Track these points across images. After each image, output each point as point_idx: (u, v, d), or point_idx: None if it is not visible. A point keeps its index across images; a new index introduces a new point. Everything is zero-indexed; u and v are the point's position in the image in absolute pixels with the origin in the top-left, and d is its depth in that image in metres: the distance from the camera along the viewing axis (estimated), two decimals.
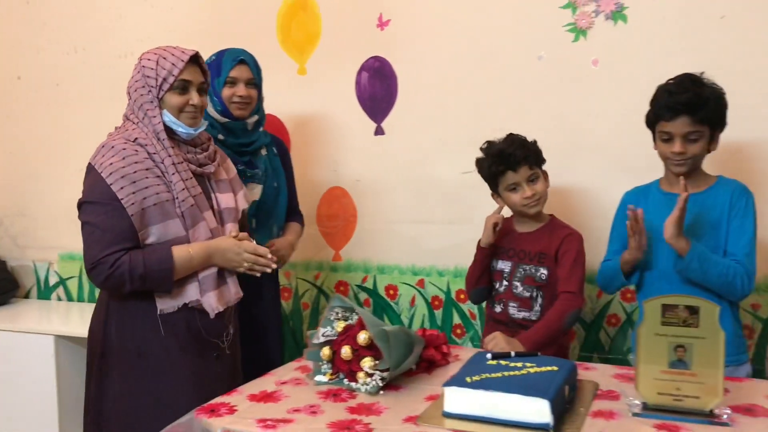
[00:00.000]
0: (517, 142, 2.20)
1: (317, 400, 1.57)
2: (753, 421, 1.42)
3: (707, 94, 1.93)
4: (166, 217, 1.84)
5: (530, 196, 2.16)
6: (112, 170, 1.81)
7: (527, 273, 2.20)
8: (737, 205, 1.97)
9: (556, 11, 2.54)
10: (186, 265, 1.84)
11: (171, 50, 1.93)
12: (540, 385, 1.44)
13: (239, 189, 2.09)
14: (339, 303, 1.73)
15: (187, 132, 1.92)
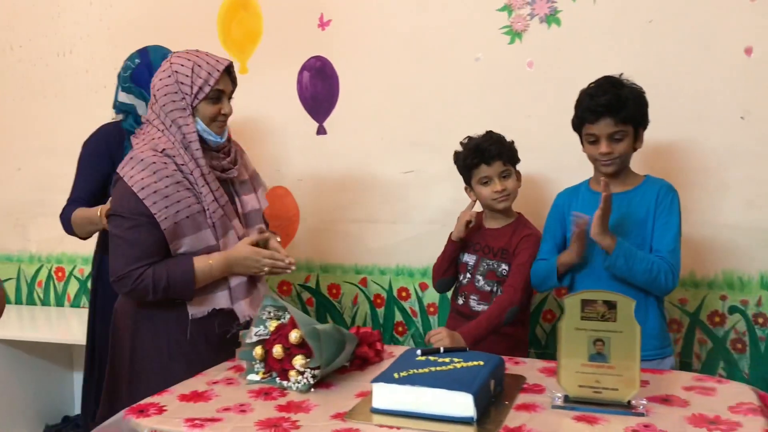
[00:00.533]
0: (495, 138, 2.26)
1: (248, 399, 1.58)
2: (668, 411, 1.48)
3: (626, 94, 1.99)
4: (198, 228, 1.88)
5: (500, 191, 2.22)
6: (144, 185, 1.83)
7: (489, 268, 2.26)
8: (663, 203, 2.04)
9: (492, 14, 2.60)
10: (207, 276, 1.88)
11: (205, 57, 1.93)
12: (465, 379, 1.47)
13: (258, 186, 2.11)
14: (271, 302, 1.74)
15: (216, 140, 1.94)
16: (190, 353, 1.91)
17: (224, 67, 1.92)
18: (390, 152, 2.77)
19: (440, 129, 2.65)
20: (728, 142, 2.39)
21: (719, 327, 2.46)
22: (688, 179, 2.40)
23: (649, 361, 1.97)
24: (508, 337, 2.18)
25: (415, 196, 2.76)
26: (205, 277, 1.88)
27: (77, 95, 3.21)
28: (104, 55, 3.15)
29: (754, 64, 2.35)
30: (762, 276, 2.40)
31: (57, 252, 3.31)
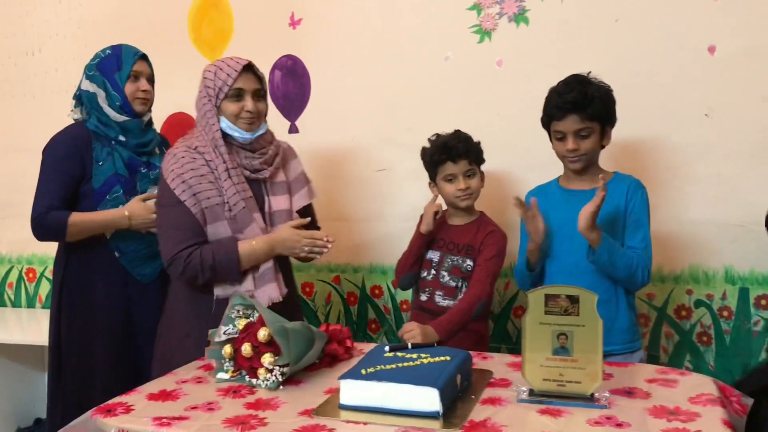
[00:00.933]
0: (462, 137, 2.29)
1: (216, 397, 1.58)
2: (630, 403, 1.51)
3: (593, 91, 2.02)
4: (216, 219, 1.99)
5: (464, 189, 2.25)
6: (174, 176, 1.99)
7: (454, 263, 2.28)
8: (633, 200, 2.07)
9: (462, 13, 2.62)
10: (250, 257, 1.99)
11: (227, 61, 2.07)
12: (431, 375, 1.49)
13: (298, 189, 2.16)
14: (240, 301, 1.74)
15: (244, 137, 2.04)
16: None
17: (242, 66, 2.03)
18: (362, 151, 2.78)
19: (411, 127, 2.67)
20: (693, 139, 2.43)
21: (685, 320, 2.50)
22: (654, 176, 2.44)
23: (619, 355, 2.01)
24: (471, 333, 2.20)
25: (387, 194, 2.77)
26: (249, 257, 1.99)
27: (47, 94, 3.18)
28: (74, 54, 3.13)
29: (717, 62, 2.39)
30: (726, 270, 2.45)
31: (27, 253, 3.29)
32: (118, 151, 2.27)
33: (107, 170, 2.25)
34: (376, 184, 2.76)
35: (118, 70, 2.26)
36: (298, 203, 2.15)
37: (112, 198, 2.25)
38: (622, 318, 2.08)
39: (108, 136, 2.27)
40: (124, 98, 2.27)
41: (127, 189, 2.27)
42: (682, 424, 1.38)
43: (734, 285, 2.43)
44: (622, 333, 2.09)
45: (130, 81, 2.28)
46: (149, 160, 2.35)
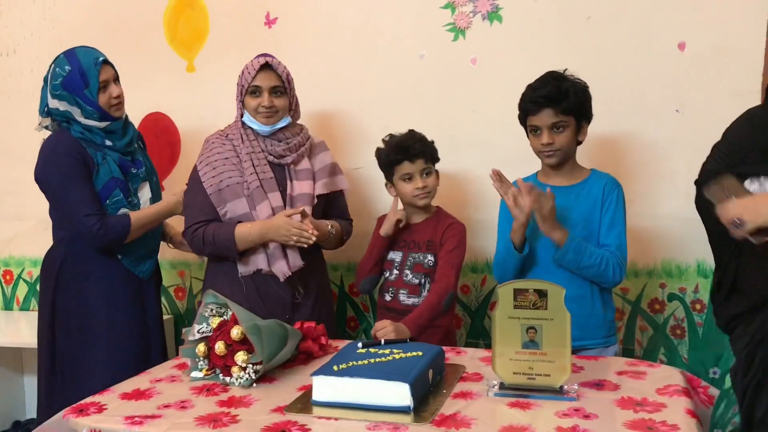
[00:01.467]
0: (418, 137, 2.31)
1: (190, 395, 1.59)
2: (599, 395, 1.53)
3: (567, 86, 2.05)
4: (235, 196, 2.23)
5: (421, 188, 2.27)
6: (202, 159, 2.30)
7: (416, 260, 2.30)
8: (609, 198, 2.10)
9: (436, 11, 2.63)
10: (246, 239, 2.20)
11: (253, 60, 2.30)
12: (403, 370, 1.51)
13: (322, 177, 2.34)
14: (213, 299, 1.75)
15: (262, 129, 2.28)
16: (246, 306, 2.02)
17: (260, 65, 2.24)
18: (339, 149, 2.78)
19: (387, 125, 2.65)
20: (665, 134, 2.46)
21: (659, 314, 2.53)
22: (627, 171, 2.47)
23: (593, 350, 2.03)
24: (438, 329, 2.23)
25: (363, 192, 2.78)
26: (244, 239, 2.20)
27: (22, 95, 3.15)
28: (50, 55, 3.00)
29: (687, 58, 2.42)
30: (699, 264, 2.48)
31: (4, 255, 3.27)
32: (109, 154, 2.28)
33: (104, 175, 2.25)
34: (353, 182, 2.76)
35: (86, 87, 2.22)
36: (320, 190, 2.32)
37: (113, 202, 2.26)
38: (597, 313, 2.11)
39: (95, 141, 2.26)
40: (101, 110, 2.25)
41: (125, 191, 2.29)
42: (648, 415, 1.41)
43: (707, 278, 2.46)
44: (597, 328, 2.11)
45: (100, 93, 2.24)
46: (134, 158, 2.37)
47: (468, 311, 2.72)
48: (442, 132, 2.60)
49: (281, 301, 2.26)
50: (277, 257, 2.23)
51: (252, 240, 2.20)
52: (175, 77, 2.94)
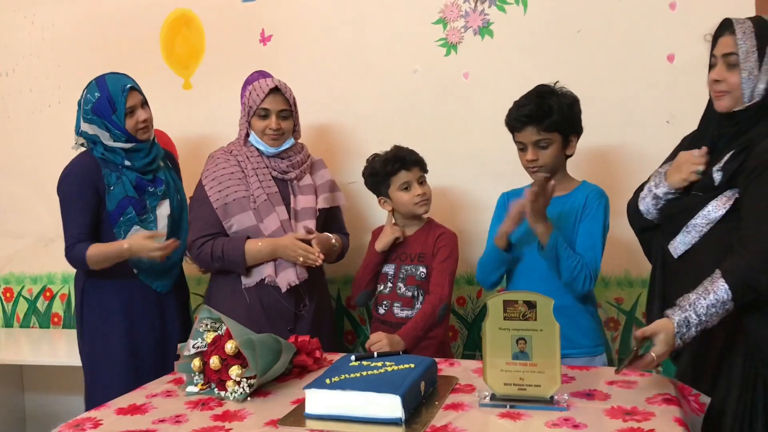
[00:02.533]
0: (406, 149, 2.35)
1: (185, 410, 1.60)
2: (589, 405, 1.55)
3: (552, 103, 2.06)
4: (242, 210, 2.29)
5: (421, 194, 2.30)
6: (208, 174, 2.36)
7: (409, 273, 2.32)
8: (589, 208, 2.11)
9: (428, 27, 2.67)
10: (255, 256, 2.27)
11: (261, 82, 2.36)
12: (394, 382, 1.52)
13: (323, 193, 2.43)
14: (207, 315, 1.77)
15: (268, 150, 2.36)
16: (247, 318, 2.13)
17: (269, 89, 2.32)
18: (333, 164, 2.81)
19: (382, 140, 2.68)
20: (656, 145, 2.44)
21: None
22: (619, 182, 2.48)
23: (580, 359, 2.04)
24: (433, 339, 2.24)
25: (358, 206, 2.81)
26: (254, 255, 2.26)
27: (21, 115, 3.20)
28: (48, 74, 3.15)
29: (676, 69, 2.45)
30: None
31: (5, 272, 3.29)
32: (126, 174, 2.36)
33: (118, 194, 2.34)
34: (347, 196, 2.79)
35: (113, 112, 2.33)
36: (322, 204, 2.40)
37: (126, 219, 2.35)
38: (582, 323, 2.12)
39: (114, 162, 2.36)
40: (128, 133, 2.36)
41: (138, 209, 2.36)
42: (637, 424, 1.42)
43: None
44: (583, 337, 2.11)
45: (127, 118, 2.35)
46: (155, 176, 2.44)
47: (464, 323, 2.74)
48: (436, 145, 2.65)
49: (284, 313, 2.31)
50: (286, 266, 2.29)
51: (262, 257, 2.27)
52: (172, 94, 2.98)
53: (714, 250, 1.70)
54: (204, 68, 2.96)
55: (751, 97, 1.72)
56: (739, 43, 1.72)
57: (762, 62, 1.70)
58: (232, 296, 2.30)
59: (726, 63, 1.75)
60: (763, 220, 1.63)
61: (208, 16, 2.94)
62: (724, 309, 1.60)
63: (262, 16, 2.87)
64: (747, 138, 1.71)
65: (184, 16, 2.97)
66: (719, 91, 1.77)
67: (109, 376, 2.36)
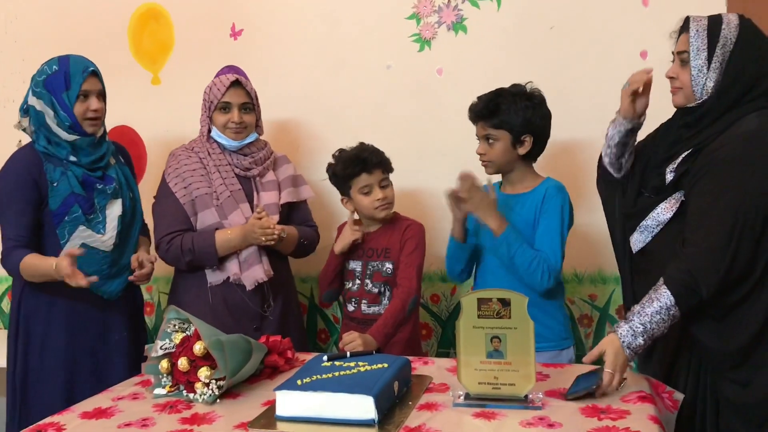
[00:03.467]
0: (371, 148, 2.30)
1: (152, 413, 1.56)
2: (564, 403, 1.53)
3: (501, 102, 2.10)
4: (205, 207, 2.26)
5: (381, 199, 2.26)
6: (170, 171, 2.33)
7: (375, 269, 2.31)
8: (547, 204, 2.11)
9: (402, 22, 2.64)
10: (226, 245, 2.22)
11: (221, 77, 2.34)
12: (367, 382, 1.49)
13: (286, 188, 2.39)
14: (176, 315, 1.73)
15: (230, 144, 2.32)
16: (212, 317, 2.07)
17: (230, 82, 2.29)
18: (306, 160, 2.78)
19: (355, 136, 2.64)
20: None
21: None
22: (591, 178, 2.45)
23: (547, 353, 2.04)
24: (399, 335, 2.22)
25: (331, 203, 2.77)
26: (225, 245, 2.22)
27: None
28: (12, 69, 3.06)
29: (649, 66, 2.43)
30: None
31: None
32: (71, 169, 2.18)
33: (63, 191, 2.16)
34: (319, 193, 2.76)
35: (66, 89, 2.16)
36: (285, 199, 2.37)
37: (71, 219, 2.16)
38: (549, 316, 2.12)
39: (58, 156, 2.18)
40: (74, 119, 2.17)
41: (85, 207, 2.18)
42: (612, 422, 1.42)
43: None
44: (550, 331, 2.11)
45: (79, 101, 2.17)
46: (105, 173, 2.26)
47: (438, 320, 2.72)
48: (408, 141, 2.63)
49: (249, 312, 2.26)
50: (251, 263, 2.25)
51: (234, 245, 2.23)
52: (141, 90, 2.91)
53: (667, 249, 1.73)
54: (173, 63, 2.90)
55: (702, 94, 1.75)
56: (690, 41, 1.76)
57: (711, 61, 1.73)
58: (197, 295, 2.26)
59: (680, 60, 1.79)
60: (701, 224, 1.66)
61: (178, 10, 2.88)
62: (669, 315, 1.61)
63: (233, 10, 2.82)
64: (700, 139, 1.74)
65: (153, 9, 2.90)
66: (673, 87, 1.82)
67: (39, 388, 2.18)
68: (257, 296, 2.27)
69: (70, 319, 2.21)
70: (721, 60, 1.72)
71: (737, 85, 1.71)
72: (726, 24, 1.74)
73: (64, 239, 2.16)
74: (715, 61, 1.72)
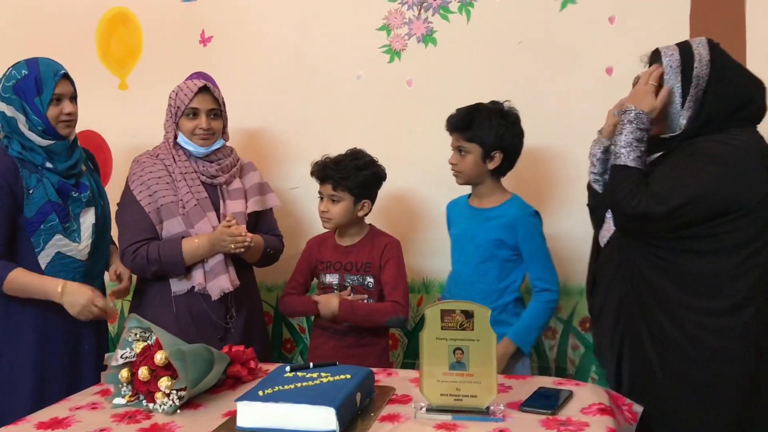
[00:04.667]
0: (337, 161, 2.30)
1: (110, 423, 1.54)
2: (524, 415, 1.54)
3: (478, 118, 2.18)
4: (171, 215, 2.23)
5: (322, 211, 2.31)
6: (135, 178, 2.29)
7: (356, 282, 2.31)
8: (526, 230, 2.21)
9: (372, 33, 2.66)
10: (194, 254, 2.20)
11: (187, 83, 2.32)
12: (329, 393, 1.49)
13: (252, 196, 2.37)
14: (136, 324, 1.70)
15: (198, 150, 2.30)
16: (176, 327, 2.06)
17: (198, 87, 2.28)
18: (275, 168, 2.78)
19: (325, 145, 2.65)
20: None
21: (590, 332, 2.58)
22: (556, 191, 2.52)
23: None
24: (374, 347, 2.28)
25: (301, 211, 2.77)
26: (192, 254, 2.20)
27: None
28: None
29: (615, 82, 2.47)
30: None
31: None
32: (47, 177, 2.13)
33: (39, 199, 2.11)
34: (289, 202, 2.76)
35: (38, 94, 2.11)
36: (252, 207, 2.35)
37: (47, 227, 2.11)
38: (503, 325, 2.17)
39: (33, 162, 2.14)
40: (47, 123, 2.13)
41: (61, 216, 2.14)
42: None
43: None
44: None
45: (52, 104, 2.13)
46: (78, 181, 2.22)
47: (405, 331, 2.73)
48: (379, 151, 2.60)
49: (213, 322, 2.25)
50: (217, 273, 2.23)
51: (201, 254, 2.20)
52: (107, 95, 2.89)
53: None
54: (141, 68, 2.88)
55: (676, 128, 1.83)
56: (665, 77, 1.83)
57: (685, 99, 1.80)
58: (161, 305, 2.24)
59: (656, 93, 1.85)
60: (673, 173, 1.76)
61: (147, 15, 2.87)
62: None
63: (203, 17, 2.81)
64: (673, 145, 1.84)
65: (121, 14, 2.88)
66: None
67: (9, 397, 2.12)
68: (221, 306, 2.26)
69: (42, 330, 2.15)
70: (695, 99, 1.79)
71: (709, 121, 1.79)
72: (698, 61, 1.80)
73: (39, 247, 2.11)
74: (689, 101, 1.80)
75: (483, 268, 2.21)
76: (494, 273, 2.20)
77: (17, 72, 2.16)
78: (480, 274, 2.21)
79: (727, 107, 1.78)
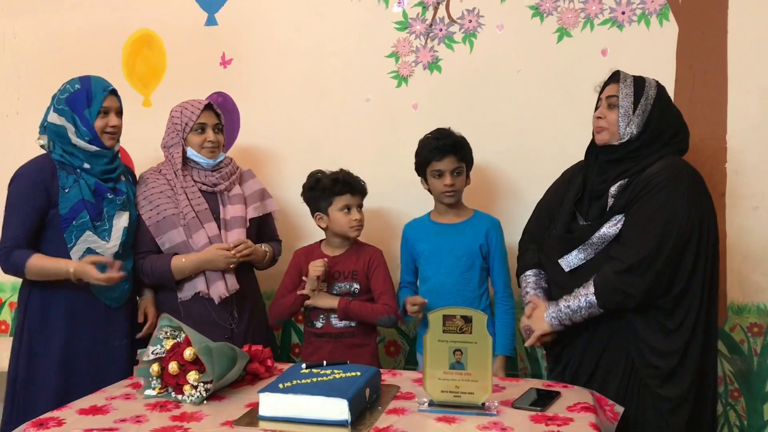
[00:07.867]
0: (352, 175, 2.53)
1: (144, 411, 1.71)
2: (516, 411, 1.72)
3: (459, 139, 2.44)
4: (172, 227, 2.43)
5: (358, 220, 2.49)
6: (140, 195, 2.49)
7: (342, 289, 2.49)
8: (496, 242, 2.45)
9: (382, 60, 2.85)
10: (181, 271, 2.40)
11: (191, 101, 2.54)
12: (342, 387, 1.67)
13: (252, 202, 2.57)
14: (168, 323, 1.88)
15: (207, 162, 2.51)
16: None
17: (204, 105, 2.50)
18: (288, 183, 2.94)
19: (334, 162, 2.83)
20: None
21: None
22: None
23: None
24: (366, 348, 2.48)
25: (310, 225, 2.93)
26: (179, 271, 2.40)
27: None
28: (7, 85, 3.20)
29: None
30: None
31: None
32: (84, 178, 2.32)
33: (73, 197, 2.29)
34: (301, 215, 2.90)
35: (87, 106, 2.33)
36: (252, 213, 2.54)
37: (79, 224, 2.28)
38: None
39: (72, 164, 2.33)
40: (94, 133, 2.34)
41: (93, 214, 2.31)
42: (557, 428, 1.61)
43: None
44: None
45: (99, 117, 2.34)
46: (116, 186, 2.41)
47: (406, 338, 2.90)
48: (383, 170, 2.82)
49: (218, 326, 2.42)
50: (214, 279, 2.42)
51: (188, 272, 2.41)
52: (132, 111, 3.03)
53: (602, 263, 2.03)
54: (164, 87, 3.06)
55: (625, 134, 2.06)
56: (620, 88, 2.09)
57: (636, 108, 2.06)
58: (170, 310, 2.31)
59: (608, 103, 2.12)
60: (635, 236, 1.97)
61: (171, 37, 3.06)
62: (590, 312, 2.00)
63: (224, 40, 3.00)
64: (633, 171, 2.05)
65: (147, 36, 3.07)
66: (599, 126, 2.14)
67: (34, 391, 2.27)
68: (225, 309, 2.45)
69: (70, 325, 2.31)
70: (644, 110, 2.05)
71: (654, 132, 2.05)
72: (648, 84, 2.10)
73: (71, 243, 2.29)
74: (639, 109, 2.06)
75: (467, 276, 2.43)
76: (476, 281, 2.44)
77: (71, 86, 2.38)
78: (464, 282, 2.43)
79: (669, 127, 2.07)
